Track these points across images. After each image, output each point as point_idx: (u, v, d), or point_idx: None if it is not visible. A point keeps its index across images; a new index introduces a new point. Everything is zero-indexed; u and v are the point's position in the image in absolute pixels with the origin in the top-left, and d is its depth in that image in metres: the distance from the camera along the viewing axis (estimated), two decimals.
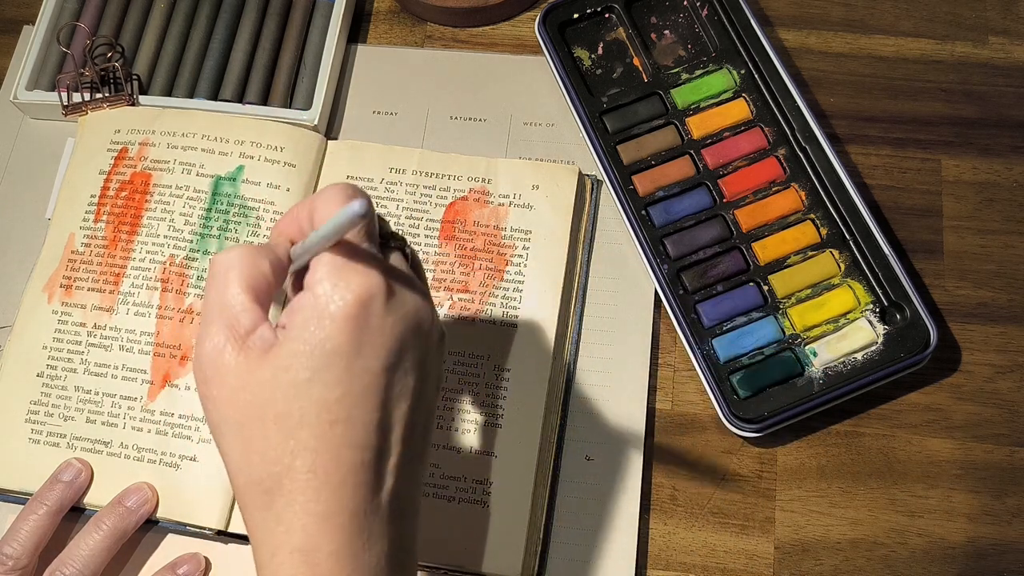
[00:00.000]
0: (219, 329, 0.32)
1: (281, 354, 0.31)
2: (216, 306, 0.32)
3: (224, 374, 0.32)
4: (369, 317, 0.31)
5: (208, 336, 0.32)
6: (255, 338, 0.32)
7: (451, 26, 0.62)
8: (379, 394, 0.32)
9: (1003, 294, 0.53)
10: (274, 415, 0.31)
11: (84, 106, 0.57)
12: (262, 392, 0.31)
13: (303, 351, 0.31)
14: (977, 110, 0.57)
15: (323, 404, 0.31)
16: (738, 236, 0.53)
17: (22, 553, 0.46)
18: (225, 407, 0.32)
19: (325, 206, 0.33)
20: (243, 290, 0.32)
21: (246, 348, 0.31)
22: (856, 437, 0.51)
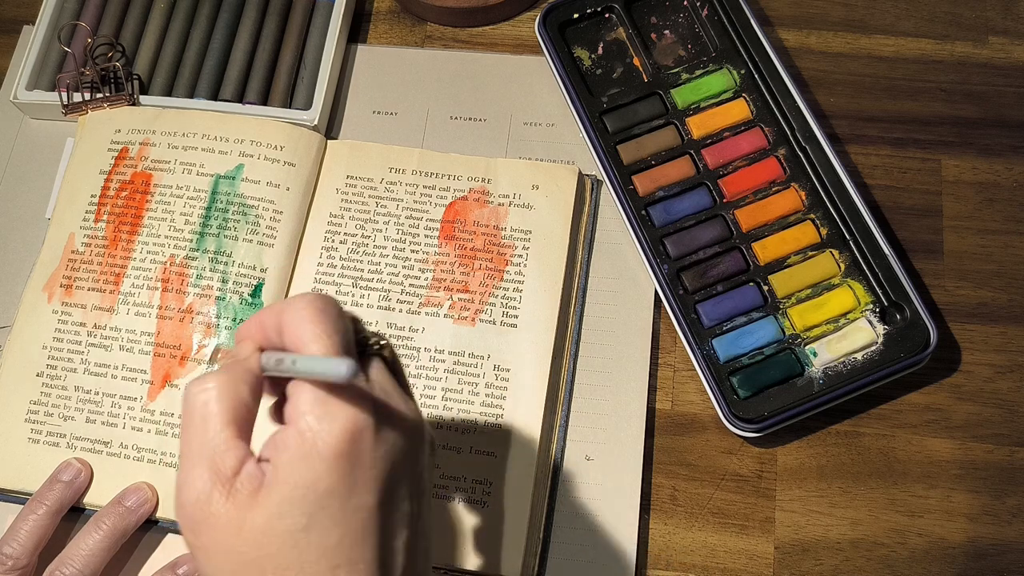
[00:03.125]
0: (202, 473, 0.30)
1: (272, 499, 0.29)
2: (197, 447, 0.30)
3: (213, 524, 0.30)
4: (360, 453, 0.30)
5: (191, 482, 0.30)
6: (242, 479, 0.30)
7: (451, 26, 0.62)
8: (378, 530, 0.30)
9: (1003, 294, 0.53)
10: (273, 567, 0.29)
11: (84, 106, 0.57)
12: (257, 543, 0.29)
13: (295, 496, 0.29)
14: (977, 110, 0.57)
15: (322, 550, 0.29)
16: (738, 236, 0.53)
17: (22, 553, 0.46)
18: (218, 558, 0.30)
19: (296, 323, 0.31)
20: (224, 425, 0.30)
21: (234, 492, 0.29)
22: (856, 437, 0.51)
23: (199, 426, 0.30)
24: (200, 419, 0.30)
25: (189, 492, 0.30)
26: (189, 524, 0.30)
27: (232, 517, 0.29)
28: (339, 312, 0.32)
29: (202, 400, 0.30)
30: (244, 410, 0.31)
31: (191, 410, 0.31)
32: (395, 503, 0.31)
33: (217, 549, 0.30)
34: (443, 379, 0.51)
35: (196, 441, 0.30)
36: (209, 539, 0.30)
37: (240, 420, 0.31)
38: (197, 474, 0.30)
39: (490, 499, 0.48)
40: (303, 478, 0.29)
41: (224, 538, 0.30)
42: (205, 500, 0.30)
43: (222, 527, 0.29)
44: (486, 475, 0.49)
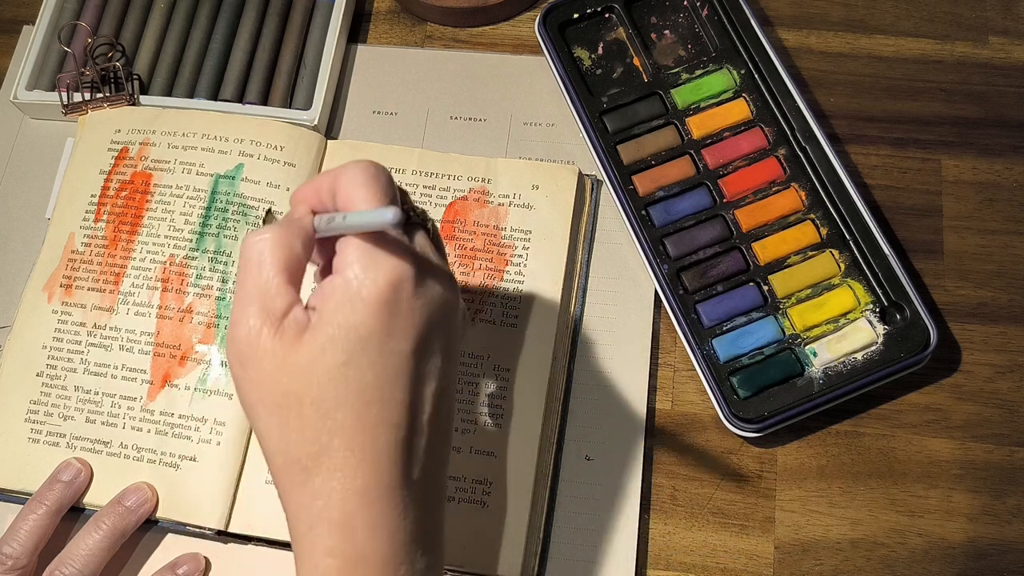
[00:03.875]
0: (255, 312, 0.32)
1: (317, 338, 0.32)
2: (251, 289, 0.33)
3: (260, 356, 0.32)
4: (400, 301, 0.32)
5: (243, 319, 0.33)
6: (290, 320, 0.32)
7: (451, 26, 0.62)
8: (410, 375, 0.33)
9: (1003, 294, 0.53)
10: (311, 398, 0.32)
11: (84, 106, 0.57)
12: (299, 375, 0.32)
13: (338, 336, 0.32)
14: (977, 110, 0.57)
15: (358, 386, 0.32)
16: (738, 236, 0.53)
17: (21, 553, 0.46)
18: (262, 389, 0.33)
19: (349, 186, 0.33)
20: (277, 272, 0.33)
21: (281, 331, 0.32)
22: (856, 437, 0.51)
23: (254, 270, 0.33)
24: (255, 264, 0.33)
25: (240, 328, 0.32)
26: (238, 358, 0.33)
27: (278, 352, 0.32)
28: (389, 179, 0.34)
29: (258, 248, 0.33)
30: (296, 261, 0.33)
31: (247, 256, 0.33)
32: (427, 353, 0.33)
33: (262, 380, 0.32)
34: None
35: (250, 283, 0.33)
36: (255, 371, 0.32)
37: (292, 269, 0.33)
38: (250, 312, 0.32)
39: (490, 499, 0.48)
40: (346, 320, 0.32)
41: (269, 371, 0.32)
42: (255, 336, 0.32)
43: (268, 361, 0.32)
44: (486, 475, 0.49)
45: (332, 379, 0.32)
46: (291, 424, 0.32)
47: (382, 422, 0.32)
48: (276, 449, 0.33)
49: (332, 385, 0.32)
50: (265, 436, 0.33)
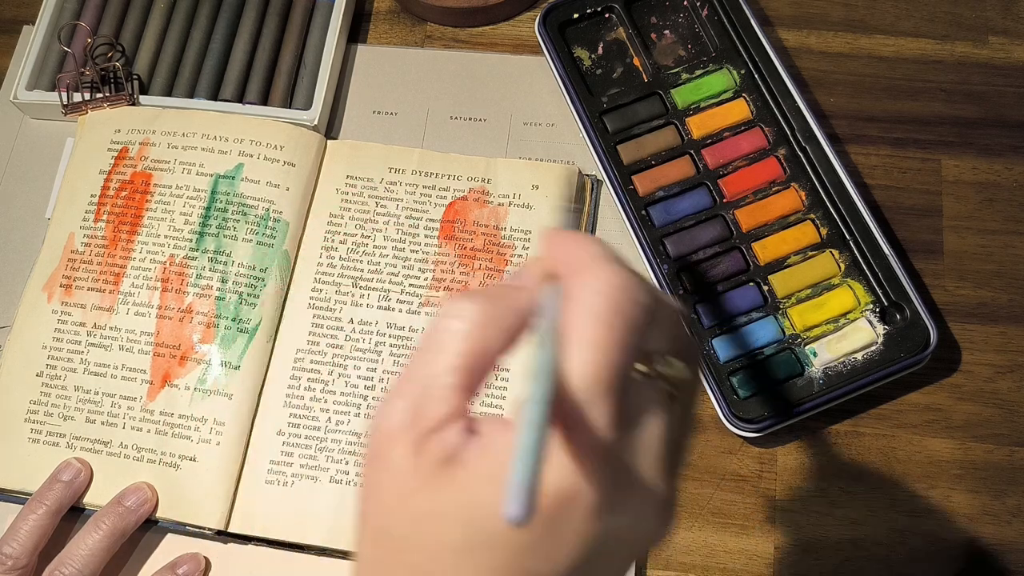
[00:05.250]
0: (405, 407, 0.25)
1: (448, 495, 0.24)
2: (416, 374, 0.25)
3: (385, 469, 0.25)
4: (562, 522, 0.23)
5: (390, 411, 0.25)
6: (437, 440, 0.24)
7: (451, 26, 0.62)
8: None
9: (1003, 294, 0.53)
10: (410, 564, 0.25)
11: (84, 106, 0.57)
12: (409, 525, 0.25)
13: (465, 514, 0.24)
14: (977, 110, 0.57)
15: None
16: (738, 236, 0.53)
17: (21, 552, 0.46)
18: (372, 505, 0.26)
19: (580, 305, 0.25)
20: (453, 369, 0.25)
21: (421, 451, 0.24)
22: (856, 437, 0.51)
23: (430, 355, 0.25)
24: (435, 347, 0.25)
25: (382, 420, 0.25)
26: (369, 452, 0.26)
27: (405, 478, 0.25)
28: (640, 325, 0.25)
29: (447, 328, 0.25)
30: (484, 359, 0.25)
31: (435, 330, 0.25)
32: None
33: (377, 497, 0.25)
34: None
35: (418, 368, 0.25)
36: (377, 479, 0.25)
37: (473, 370, 0.25)
38: (399, 406, 0.25)
39: None
40: (485, 500, 0.24)
41: (388, 491, 0.25)
42: (390, 440, 0.25)
43: (391, 479, 0.25)
44: None
45: (437, 558, 0.24)
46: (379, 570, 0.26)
47: None
48: None
49: (435, 565, 0.24)
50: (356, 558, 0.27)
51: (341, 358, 0.51)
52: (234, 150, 0.55)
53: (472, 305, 0.25)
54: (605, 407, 0.23)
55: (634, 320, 0.24)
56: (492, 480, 0.23)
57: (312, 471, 0.49)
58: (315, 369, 0.51)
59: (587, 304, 0.24)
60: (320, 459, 0.50)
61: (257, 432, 0.50)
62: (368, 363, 0.51)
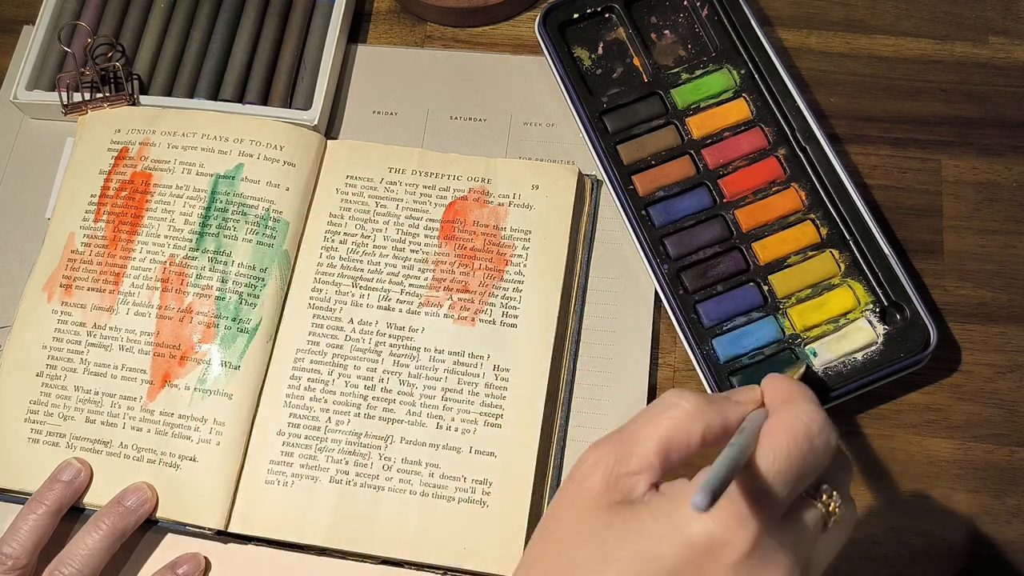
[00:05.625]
0: (609, 453, 0.30)
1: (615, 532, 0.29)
2: (631, 431, 0.31)
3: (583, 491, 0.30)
4: (710, 562, 0.28)
5: (602, 451, 0.30)
6: (625, 483, 0.30)
7: (451, 26, 0.62)
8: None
9: (1003, 294, 0.53)
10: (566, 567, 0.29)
11: (84, 106, 0.57)
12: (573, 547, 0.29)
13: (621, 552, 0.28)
14: (977, 110, 0.57)
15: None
16: (738, 236, 0.53)
17: (21, 552, 0.46)
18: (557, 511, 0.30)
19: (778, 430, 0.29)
20: (656, 440, 0.30)
21: (613, 485, 0.30)
22: (856, 437, 0.51)
23: (644, 423, 0.31)
24: (651, 418, 0.31)
25: (592, 454, 0.31)
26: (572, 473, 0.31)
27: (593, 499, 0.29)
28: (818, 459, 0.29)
29: (668, 410, 0.31)
30: (684, 444, 0.31)
31: (657, 405, 0.31)
32: None
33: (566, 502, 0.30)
34: (443, 379, 0.51)
35: (632, 429, 0.31)
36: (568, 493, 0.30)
37: (672, 447, 0.30)
38: (607, 450, 0.30)
39: (490, 499, 0.48)
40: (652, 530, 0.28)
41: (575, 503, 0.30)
42: (593, 469, 0.30)
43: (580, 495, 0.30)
44: (486, 475, 0.49)
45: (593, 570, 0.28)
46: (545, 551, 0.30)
47: None
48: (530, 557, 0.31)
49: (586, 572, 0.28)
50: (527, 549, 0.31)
51: (341, 358, 0.51)
52: (234, 150, 0.55)
53: (693, 398, 0.31)
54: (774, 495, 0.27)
55: (818, 448, 0.29)
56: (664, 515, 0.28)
57: (312, 471, 0.49)
58: (315, 369, 0.51)
59: (787, 422, 0.29)
60: (320, 459, 0.50)
61: (257, 432, 0.50)
62: (368, 363, 0.51)
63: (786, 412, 0.30)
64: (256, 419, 0.51)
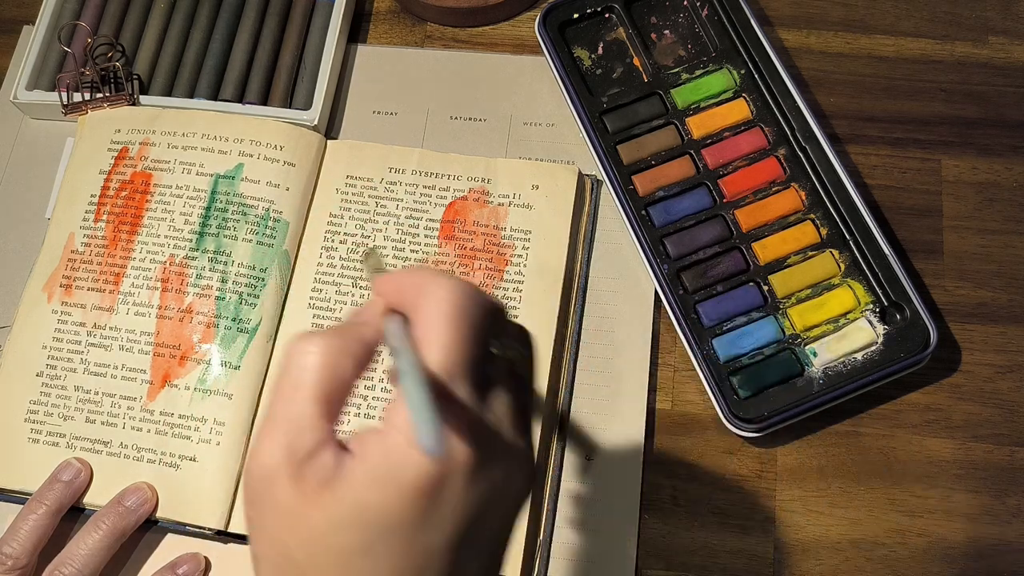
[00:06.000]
0: (277, 445, 0.27)
1: (334, 509, 0.26)
2: (281, 414, 0.27)
3: (272, 507, 0.27)
4: (443, 492, 0.26)
5: (263, 451, 0.27)
6: (314, 466, 0.27)
7: (451, 26, 0.62)
8: (439, 571, 0.27)
9: (1003, 294, 0.53)
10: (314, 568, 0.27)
11: (84, 106, 0.57)
12: (306, 545, 0.27)
13: (356, 516, 0.26)
14: (977, 110, 0.57)
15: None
16: (738, 236, 0.53)
17: (21, 552, 0.46)
18: (266, 543, 0.28)
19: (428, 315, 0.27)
20: (313, 398, 0.27)
21: (301, 479, 0.27)
22: (856, 437, 0.51)
23: (289, 392, 0.27)
24: (292, 385, 0.27)
25: (258, 463, 0.27)
26: (250, 495, 0.28)
27: (291, 508, 0.27)
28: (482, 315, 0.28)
29: (299, 364, 0.27)
30: (340, 386, 0.28)
31: (287, 371, 0.28)
32: (467, 547, 0.27)
33: (268, 533, 0.28)
34: None
35: (281, 407, 0.27)
36: (263, 519, 0.28)
37: (332, 397, 0.27)
38: (271, 445, 0.27)
39: None
40: (372, 500, 0.26)
41: (277, 526, 0.27)
42: (270, 478, 0.27)
43: (279, 514, 0.27)
44: None
45: (340, 564, 0.26)
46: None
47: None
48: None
49: (339, 571, 0.27)
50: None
51: None
52: (234, 150, 0.55)
53: (320, 340, 0.27)
54: (464, 386, 0.27)
55: (475, 315, 0.28)
56: (375, 482, 0.26)
57: None
58: None
59: (434, 311, 0.27)
60: None
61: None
62: None
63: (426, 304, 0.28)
64: (256, 419, 0.51)
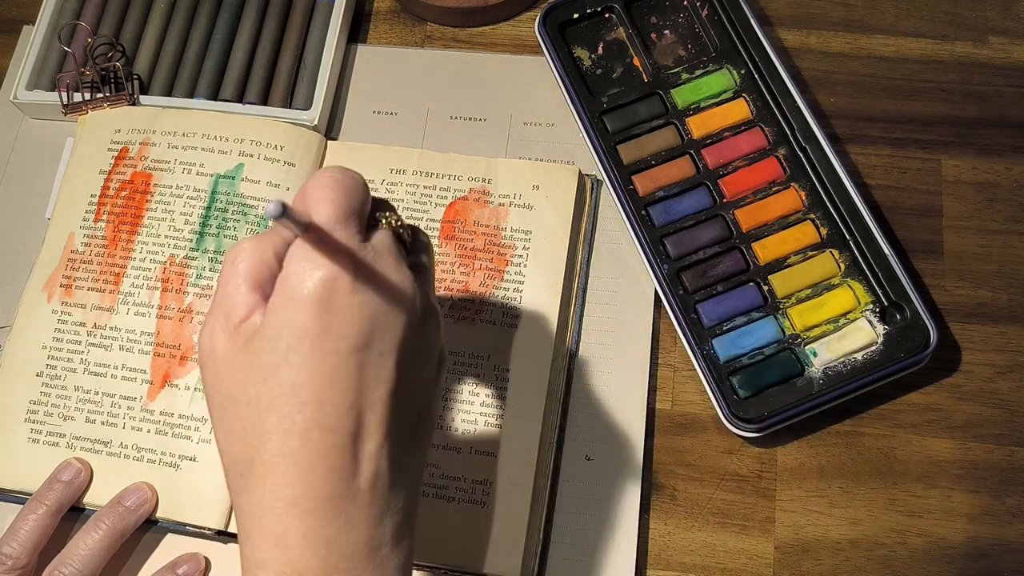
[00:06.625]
0: (216, 318, 0.33)
1: (256, 339, 0.32)
2: (220, 297, 0.33)
3: (215, 360, 0.33)
4: (334, 297, 0.31)
5: (207, 324, 0.33)
6: (247, 325, 0.32)
7: (451, 26, 0.62)
8: (349, 376, 0.32)
9: (1003, 294, 0.53)
10: (247, 398, 0.32)
11: (84, 105, 0.57)
12: (241, 375, 0.32)
13: (272, 335, 0.31)
14: (977, 110, 0.57)
15: (291, 386, 0.31)
16: (738, 236, 0.53)
17: (21, 552, 0.46)
18: (213, 392, 0.33)
19: (310, 186, 0.33)
20: (244, 280, 0.33)
21: (236, 335, 0.32)
22: (856, 437, 0.51)
23: (226, 278, 0.33)
24: (228, 275, 0.33)
25: (204, 333, 0.33)
26: (200, 362, 0.34)
27: (228, 354, 0.32)
28: (354, 184, 0.33)
29: (232, 257, 0.33)
30: (266, 269, 0.33)
31: (224, 267, 0.34)
32: (371, 355, 0.32)
33: (213, 384, 0.33)
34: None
35: (220, 293, 0.33)
36: (209, 375, 0.33)
37: (261, 277, 0.33)
38: (213, 319, 0.33)
39: (490, 499, 0.48)
40: (280, 318, 0.31)
41: (219, 374, 0.33)
42: (212, 340, 0.33)
43: (220, 364, 0.33)
44: (486, 475, 0.49)
45: (266, 379, 0.31)
46: (232, 427, 0.32)
47: (316, 426, 0.31)
48: (222, 453, 0.34)
49: (267, 385, 0.31)
50: (217, 441, 0.34)
51: None
52: (234, 150, 0.55)
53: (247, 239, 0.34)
54: (343, 229, 0.32)
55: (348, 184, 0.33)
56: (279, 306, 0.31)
57: None
58: None
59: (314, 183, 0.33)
60: None
61: None
62: None
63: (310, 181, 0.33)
64: None
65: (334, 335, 0.31)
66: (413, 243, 0.36)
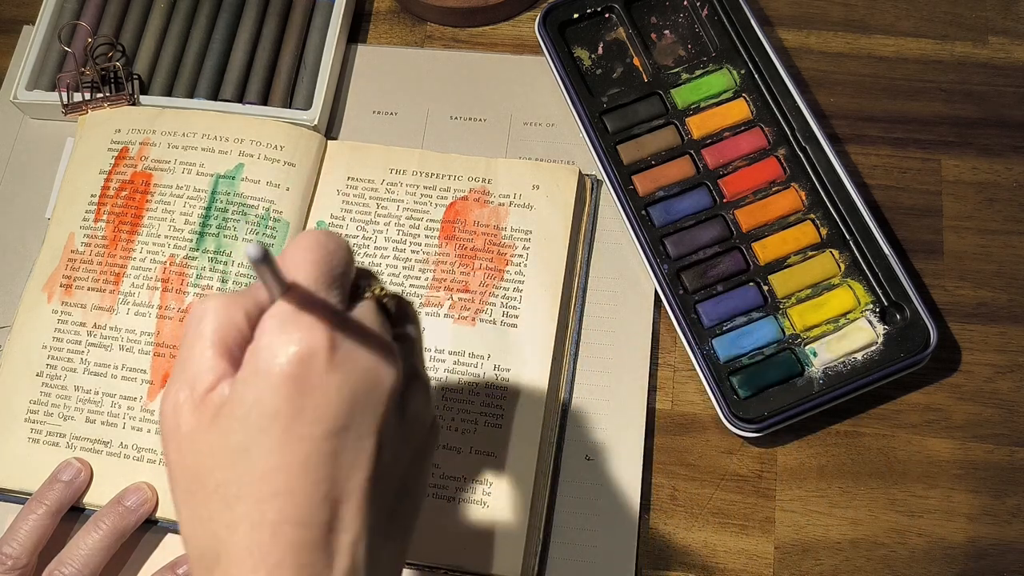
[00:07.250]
0: (180, 386, 0.30)
1: (223, 416, 0.29)
2: (184, 360, 0.31)
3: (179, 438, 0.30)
4: (309, 376, 0.28)
5: (170, 393, 0.31)
6: (213, 396, 0.30)
7: (451, 26, 0.62)
8: (323, 464, 0.29)
9: (1003, 294, 0.53)
10: (215, 483, 0.29)
11: (84, 105, 0.57)
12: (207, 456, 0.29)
13: (240, 414, 0.29)
14: (977, 110, 0.57)
15: (261, 474, 0.29)
16: (738, 236, 0.53)
17: (21, 552, 0.46)
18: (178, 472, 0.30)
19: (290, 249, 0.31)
20: (211, 344, 0.30)
21: (202, 407, 0.30)
22: (856, 437, 0.51)
23: (190, 341, 0.31)
24: (193, 334, 0.31)
25: (167, 403, 0.30)
26: (163, 434, 0.31)
27: (193, 431, 0.30)
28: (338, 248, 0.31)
29: (197, 317, 0.31)
30: (235, 333, 0.30)
31: (188, 323, 0.31)
32: (348, 439, 0.29)
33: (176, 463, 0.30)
34: (443, 379, 0.51)
35: (184, 357, 0.31)
36: (172, 452, 0.30)
37: (228, 342, 0.30)
38: (177, 387, 0.30)
39: (490, 499, 0.48)
40: (249, 395, 0.29)
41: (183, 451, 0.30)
42: (176, 412, 0.30)
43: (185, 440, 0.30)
44: (486, 475, 0.49)
45: (235, 463, 0.29)
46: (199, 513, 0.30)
47: (286, 519, 0.28)
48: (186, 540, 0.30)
49: (235, 471, 0.29)
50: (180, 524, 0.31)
51: None
52: (234, 150, 0.55)
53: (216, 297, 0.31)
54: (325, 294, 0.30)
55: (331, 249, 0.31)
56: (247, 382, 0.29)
57: None
58: None
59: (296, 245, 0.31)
60: None
61: None
62: None
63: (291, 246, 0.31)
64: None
65: (308, 419, 0.29)
66: (398, 313, 0.34)
